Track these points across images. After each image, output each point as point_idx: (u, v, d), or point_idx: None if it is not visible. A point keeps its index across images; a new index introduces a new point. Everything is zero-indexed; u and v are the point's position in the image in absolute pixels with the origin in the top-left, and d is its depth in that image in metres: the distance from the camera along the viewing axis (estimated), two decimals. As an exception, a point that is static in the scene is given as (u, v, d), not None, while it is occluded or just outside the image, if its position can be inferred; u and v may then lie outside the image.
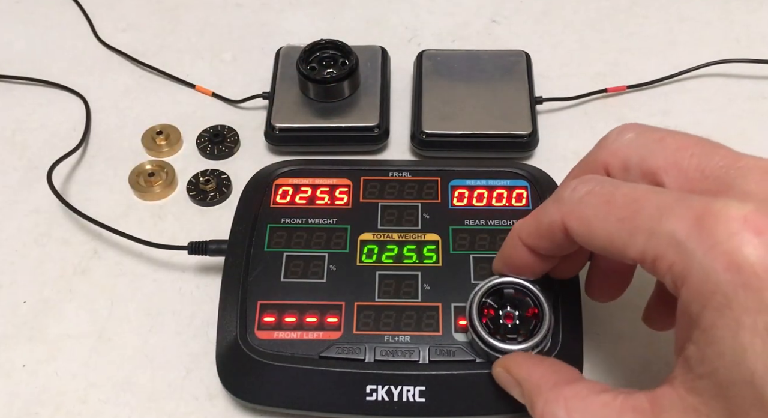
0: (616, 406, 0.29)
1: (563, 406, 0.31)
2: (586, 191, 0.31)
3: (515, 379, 0.35)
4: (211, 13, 0.61)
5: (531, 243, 0.35)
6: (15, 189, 0.50)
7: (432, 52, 0.54)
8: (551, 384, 0.32)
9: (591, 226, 0.31)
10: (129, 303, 0.45)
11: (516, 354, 0.36)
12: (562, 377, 0.33)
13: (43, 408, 0.41)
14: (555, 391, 0.32)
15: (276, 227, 0.43)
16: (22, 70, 0.56)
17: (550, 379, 0.33)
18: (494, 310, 0.37)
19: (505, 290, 0.38)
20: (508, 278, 0.38)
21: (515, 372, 0.35)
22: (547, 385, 0.32)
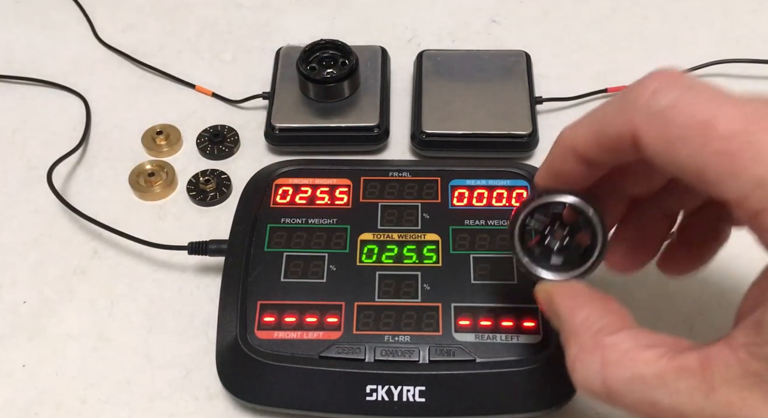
0: (660, 366, 0.26)
1: (599, 358, 0.28)
2: (671, 102, 0.25)
3: (555, 309, 0.31)
4: (211, 13, 0.61)
5: (587, 153, 0.30)
6: (15, 189, 0.50)
7: (432, 52, 0.54)
8: (593, 331, 0.29)
9: (675, 149, 0.25)
10: (129, 303, 0.45)
11: (562, 284, 0.32)
12: (608, 323, 0.29)
13: (43, 408, 0.41)
14: (594, 339, 0.28)
15: (276, 227, 0.43)
16: (22, 70, 0.56)
17: (593, 325, 0.29)
18: (539, 232, 0.33)
19: (554, 209, 0.33)
20: (558, 197, 0.32)
21: (557, 305, 0.31)
22: (587, 331, 0.29)
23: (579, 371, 0.28)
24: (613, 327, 0.28)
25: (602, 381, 0.27)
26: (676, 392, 0.26)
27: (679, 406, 0.26)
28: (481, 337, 0.39)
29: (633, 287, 0.44)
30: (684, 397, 0.26)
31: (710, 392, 0.25)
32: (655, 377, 0.26)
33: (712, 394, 0.25)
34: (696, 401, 0.25)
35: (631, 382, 0.27)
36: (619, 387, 0.27)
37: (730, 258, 0.45)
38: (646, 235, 0.34)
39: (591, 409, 0.40)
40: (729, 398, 0.25)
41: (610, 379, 0.27)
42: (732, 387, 0.25)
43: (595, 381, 0.28)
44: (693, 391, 0.25)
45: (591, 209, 0.32)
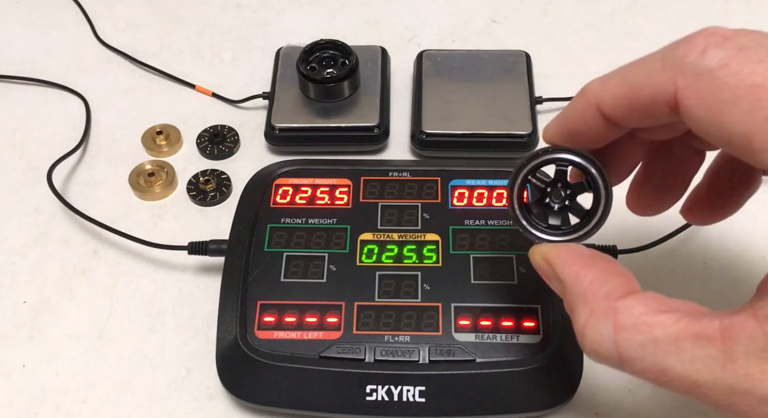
0: (676, 330, 0.25)
1: (612, 322, 0.26)
2: (722, 62, 0.23)
3: (556, 274, 0.29)
4: (211, 13, 0.61)
5: (614, 112, 0.27)
6: (15, 189, 0.50)
7: (432, 52, 0.54)
8: (603, 294, 0.27)
9: (722, 114, 0.23)
10: (129, 303, 0.45)
11: (562, 246, 0.30)
12: (617, 285, 0.27)
13: (43, 408, 0.41)
14: (605, 303, 0.27)
15: (276, 227, 0.43)
16: (22, 70, 0.56)
17: (602, 288, 0.27)
18: (541, 189, 0.32)
19: (559, 166, 0.31)
20: (566, 155, 0.30)
21: (559, 268, 0.29)
22: (596, 294, 0.27)
23: (590, 337, 0.27)
24: (623, 290, 0.27)
25: (615, 346, 0.26)
26: (691, 360, 0.25)
27: (693, 374, 0.25)
28: (481, 337, 0.39)
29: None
30: (700, 365, 0.24)
31: (729, 363, 0.24)
32: (671, 343, 0.25)
33: (730, 365, 0.24)
34: (712, 371, 0.24)
35: (645, 347, 0.25)
36: (632, 352, 0.26)
37: (730, 258, 0.46)
38: (673, 172, 0.31)
39: (591, 409, 0.40)
40: (748, 371, 0.23)
41: (623, 344, 0.26)
42: (753, 360, 0.23)
43: (608, 346, 0.26)
44: (710, 360, 0.24)
45: (597, 171, 0.30)
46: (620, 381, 0.41)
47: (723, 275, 0.44)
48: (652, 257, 0.45)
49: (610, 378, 0.41)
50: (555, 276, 0.30)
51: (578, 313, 0.28)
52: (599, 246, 0.43)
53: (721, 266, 0.45)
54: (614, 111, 0.28)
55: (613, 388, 0.41)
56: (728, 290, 0.44)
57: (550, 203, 0.32)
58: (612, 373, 0.41)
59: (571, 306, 0.28)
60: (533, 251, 0.31)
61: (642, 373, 0.26)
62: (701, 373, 0.24)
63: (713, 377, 0.24)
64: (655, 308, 0.26)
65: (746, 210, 0.47)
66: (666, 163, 0.32)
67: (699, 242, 0.45)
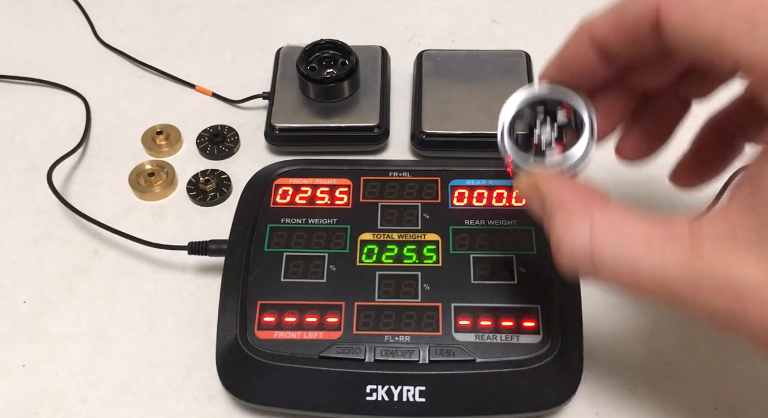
0: (647, 230, 0.27)
1: (588, 224, 0.28)
2: None
3: (539, 193, 0.31)
4: (211, 13, 0.61)
5: (605, 40, 0.30)
6: (15, 189, 0.50)
7: (432, 52, 0.54)
8: (580, 204, 0.29)
9: (696, 17, 0.26)
10: (129, 303, 0.45)
11: (548, 173, 0.32)
12: (596, 198, 0.29)
13: (43, 408, 0.41)
14: (583, 209, 0.28)
15: (276, 227, 0.43)
16: (22, 70, 0.56)
17: (580, 199, 0.29)
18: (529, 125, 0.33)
19: (549, 104, 0.32)
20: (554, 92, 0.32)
21: (542, 186, 0.31)
22: (575, 202, 0.29)
23: (566, 243, 0.28)
24: (600, 202, 0.29)
25: (589, 250, 0.27)
26: (661, 257, 0.26)
27: (662, 271, 0.26)
28: (481, 337, 0.39)
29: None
30: (669, 261, 0.26)
31: (696, 257, 0.25)
32: (643, 242, 0.26)
33: (697, 258, 0.25)
34: (680, 266, 0.26)
35: (617, 247, 0.27)
36: (605, 254, 0.27)
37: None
38: (659, 120, 0.34)
39: (591, 409, 0.40)
40: (714, 260, 0.25)
41: (597, 247, 0.27)
42: (718, 250, 0.25)
43: (583, 251, 0.28)
44: (679, 256, 0.26)
45: (586, 110, 0.32)
46: (620, 381, 0.41)
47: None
48: (652, 257, 0.45)
49: (610, 378, 0.41)
50: (538, 195, 0.31)
51: (556, 220, 0.29)
52: None
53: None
54: (605, 36, 0.30)
55: (613, 388, 0.41)
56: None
57: (539, 140, 0.33)
58: (612, 373, 0.41)
59: (551, 217, 0.30)
60: (520, 178, 0.32)
61: (614, 276, 0.27)
62: (670, 269, 0.26)
63: (681, 271, 0.26)
64: (629, 214, 0.27)
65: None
66: (653, 112, 0.34)
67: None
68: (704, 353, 0.42)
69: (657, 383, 0.41)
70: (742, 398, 0.40)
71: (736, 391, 0.40)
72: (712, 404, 0.40)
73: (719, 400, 0.40)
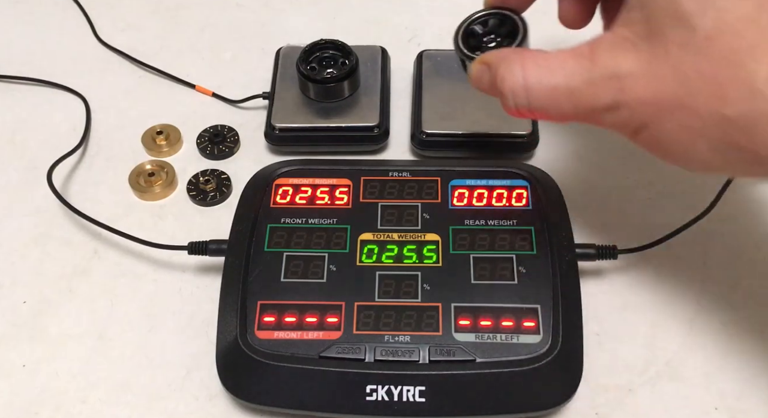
0: (562, 56, 0.34)
1: (519, 62, 0.35)
2: None
3: (486, 63, 0.38)
4: (211, 13, 0.61)
5: None
6: (15, 189, 0.50)
7: (432, 52, 0.54)
8: (516, 55, 0.36)
9: None
10: (129, 303, 0.45)
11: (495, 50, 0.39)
12: (526, 51, 0.37)
13: (43, 408, 0.41)
14: (518, 57, 0.36)
15: (276, 227, 0.43)
16: (22, 70, 0.56)
17: (515, 53, 0.36)
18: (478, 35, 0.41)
19: (491, 19, 0.41)
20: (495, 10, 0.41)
21: (487, 57, 0.38)
22: (512, 55, 0.36)
23: (506, 81, 0.35)
24: (531, 51, 0.37)
25: (522, 80, 0.35)
26: (570, 72, 0.33)
27: (570, 83, 0.33)
28: (481, 337, 0.39)
29: (632, 289, 0.44)
30: (576, 74, 0.33)
31: (593, 64, 0.33)
32: (559, 65, 0.34)
33: (593, 64, 0.33)
34: (583, 75, 0.33)
35: (542, 75, 0.34)
36: (533, 81, 0.34)
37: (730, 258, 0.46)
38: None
39: (591, 409, 0.40)
40: (605, 63, 0.32)
41: (528, 76, 0.35)
42: (608, 55, 0.32)
43: (518, 82, 0.35)
44: (582, 67, 0.33)
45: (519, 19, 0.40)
46: (620, 381, 0.41)
47: (723, 275, 0.44)
48: (652, 257, 0.45)
49: (610, 378, 0.41)
50: (485, 67, 0.38)
51: (499, 71, 0.36)
52: (599, 246, 0.43)
53: (721, 266, 0.45)
54: None
55: (613, 388, 0.41)
56: (728, 290, 0.44)
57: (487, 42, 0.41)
58: (612, 373, 0.41)
59: (495, 74, 0.36)
60: (473, 63, 0.39)
61: (541, 100, 0.35)
62: (576, 79, 0.33)
63: (583, 78, 0.33)
64: (551, 52, 0.35)
65: (746, 210, 0.47)
66: None
67: (699, 241, 0.46)
68: (704, 353, 0.42)
69: (657, 383, 0.41)
70: (742, 398, 0.40)
71: (736, 391, 0.40)
72: (712, 404, 0.40)
73: (719, 400, 0.40)
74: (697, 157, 0.32)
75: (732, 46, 0.29)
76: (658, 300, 0.44)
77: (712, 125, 0.30)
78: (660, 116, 0.32)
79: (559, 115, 0.35)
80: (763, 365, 0.41)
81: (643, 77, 0.31)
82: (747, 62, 0.29)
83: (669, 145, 0.32)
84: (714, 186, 0.46)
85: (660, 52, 0.31)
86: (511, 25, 0.41)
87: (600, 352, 0.42)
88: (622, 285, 0.44)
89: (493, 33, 0.41)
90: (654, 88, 0.31)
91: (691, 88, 0.30)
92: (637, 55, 0.32)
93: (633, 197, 0.48)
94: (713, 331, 0.43)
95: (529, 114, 0.36)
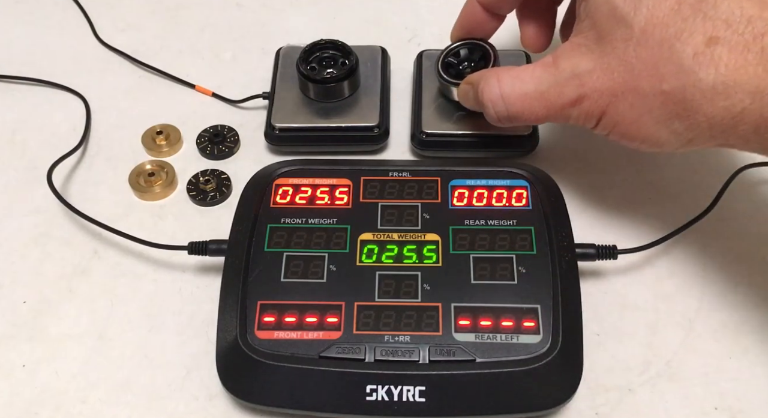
0: (532, 69, 0.41)
1: (495, 77, 0.42)
2: None
3: (470, 82, 0.45)
4: (211, 13, 0.61)
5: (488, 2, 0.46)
6: (15, 189, 0.50)
7: (432, 52, 0.54)
8: (493, 72, 0.43)
9: None
10: (129, 303, 0.45)
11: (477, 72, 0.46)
12: (502, 68, 0.43)
13: (43, 408, 0.41)
14: (494, 73, 0.42)
15: (276, 227, 0.43)
16: (22, 70, 0.56)
17: (493, 71, 0.43)
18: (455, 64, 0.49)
19: (461, 50, 0.49)
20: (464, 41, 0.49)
21: (470, 77, 0.45)
22: (490, 73, 0.43)
23: (485, 93, 0.42)
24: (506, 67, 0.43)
25: (499, 90, 0.41)
26: (538, 80, 0.40)
27: (539, 86, 0.40)
28: (481, 337, 0.39)
29: (632, 289, 0.44)
30: (543, 80, 0.40)
31: (557, 70, 0.39)
32: (528, 75, 0.41)
33: (556, 69, 0.39)
34: (549, 79, 0.40)
35: (514, 85, 0.41)
36: (508, 91, 0.41)
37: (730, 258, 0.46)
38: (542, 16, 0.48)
39: (591, 409, 0.40)
40: (566, 66, 0.39)
41: (503, 87, 0.41)
42: (568, 60, 0.39)
43: (495, 93, 0.42)
44: (547, 74, 0.40)
45: (489, 47, 0.48)
46: (620, 381, 0.41)
47: (723, 274, 0.44)
48: (652, 257, 0.45)
49: (610, 378, 0.41)
50: (470, 86, 0.45)
51: (480, 86, 0.43)
52: (599, 246, 0.43)
53: (721, 265, 0.45)
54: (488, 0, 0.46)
55: (613, 388, 0.41)
56: (728, 290, 0.44)
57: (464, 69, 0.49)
58: (612, 373, 0.41)
59: (476, 89, 0.43)
60: (459, 86, 0.47)
61: (517, 108, 0.41)
62: (544, 84, 0.40)
63: (550, 82, 0.40)
64: (523, 66, 0.42)
65: (746, 210, 0.47)
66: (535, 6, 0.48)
67: (699, 242, 0.46)
68: (704, 353, 0.42)
69: (657, 383, 0.41)
70: (742, 398, 0.40)
71: (736, 391, 0.40)
72: (712, 404, 0.40)
73: (719, 400, 0.40)
74: (648, 133, 0.37)
75: (663, 35, 0.35)
76: (658, 300, 0.44)
77: (654, 101, 0.36)
78: (615, 101, 0.38)
79: (534, 117, 0.41)
80: (763, 365, 0.41)
81: (597, 71, 0.38)
82: (676, 45, 0.35)
83: (625, 127, 0.38)
84: (714, 186, 0.46)
85: (608, 50, 0.37)
86: (481, 50, 0.48)
87: (600, 352, 0.42)
88: (622, 285, 0.44)
89: (467, 60, 0.49)
90: (607, 78, 0.38)
91: (635, 73, 0.36)
92: (591, 55, 0.38)
93: (633, 197, 0.48)
94: (713, 331, 0.43)
95: (508, 121, 0.42)
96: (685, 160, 0.49)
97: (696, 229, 0.44)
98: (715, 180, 0.46)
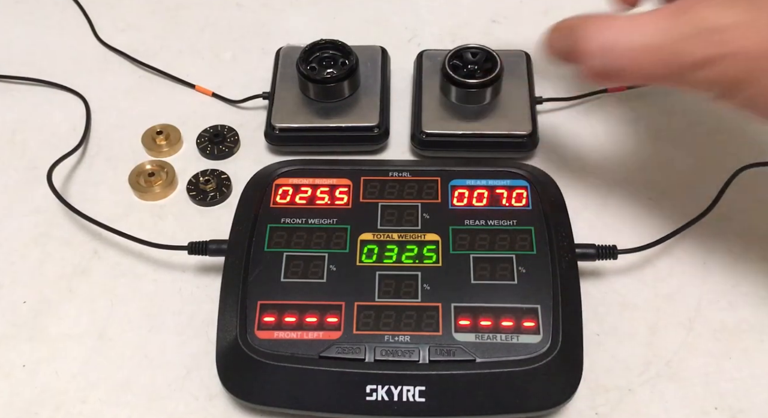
0: (650, 14, 0.34)
1: (607, 22, 0.35)
2: None
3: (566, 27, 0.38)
4: (211, 13, 0.61)
5: None
6: (15, 189, 0.50)
7: (432, 52, 0.54)
8: (600, 16, 0.36)
9: None
10: (129, 303, 0.45)
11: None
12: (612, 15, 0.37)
13: (43, 408, 0.41)
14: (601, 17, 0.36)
15: (276, 227, 0.43)
16: (22, 70, 0.56)
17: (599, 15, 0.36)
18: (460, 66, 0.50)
19: (464, 53, 0.50)
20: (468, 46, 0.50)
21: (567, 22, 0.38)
22: (594, 17, 0.36)
23: (594, 40, 0.35)
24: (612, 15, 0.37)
25: (605, 37, 0.35)
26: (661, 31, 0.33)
27: (659, 39, 0.33)
28: (481, 337, 0.39)
29: (632, 288, 0.44)
30: (665, 30, 0.33)
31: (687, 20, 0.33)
32: (649, 22, 0.34)
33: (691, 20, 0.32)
34: (673, 31, 0.33)
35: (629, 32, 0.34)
36: (616, 39, 0.34)
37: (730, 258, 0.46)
38: None
39: (591, 409, 0.40)
40: (704, 16, 0.32)
41: (613, 33, 0.34)
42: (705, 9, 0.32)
43: (599, 39, 0.35)
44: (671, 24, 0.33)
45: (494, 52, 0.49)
46: (620, 381, 0.41)
47: (723, 275, 0.44)
48: (652, 257, 0.45)
49: (610, 378, 0.41)
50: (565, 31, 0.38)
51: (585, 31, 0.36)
52: (599, 246, 0.43)
53: (721, 266, 0.45)
54: None
55: (613, 388, 0.41)
56: (728, 290, 0.44)
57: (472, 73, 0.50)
58: (612, 373, 0.41)
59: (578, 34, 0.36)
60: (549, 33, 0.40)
61: (621, 55, 0.34)
62: (666, 35, 0.33)
63: (676, 33, 0.33)
64: (637, 14, 0.35)
65: (746, 210, 0.47)
66: None
67: (699, 242, 0.46)
68: (704, 353, 0.42)
69: (657, 383, 0.41)
70: (742, 398, 0.40)
71: (736, 391, 0.40)
72: (712, 404, 0.40)
73: (719, 400, 0.40)
74: None
75: None
76: (658, 300, 0.44)
77: None
78: (760, 67, 0.31)
79: (642, 76, 0.35)
80: (763, 364, 0.41)
81: (743, 28, 0.31)
82: None
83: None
84: (714, 186, 0.46)
85: (760, 3, 0.31)
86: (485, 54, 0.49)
87: (600, 352, 0.42)
88: (622, 285, 0.44)
89: (472, 64, 0.50)
90: (757, 37, 0.31)
91: None
92: (734, 7, 0.31)
93: (633, 197, 0.48)
94: (713, 331, 0.43)
95: (606, 78, 0.36)
96: (685, 160, 0.49)
97: (696, 229, 0.44)
98: (715, 180, 0.46)
